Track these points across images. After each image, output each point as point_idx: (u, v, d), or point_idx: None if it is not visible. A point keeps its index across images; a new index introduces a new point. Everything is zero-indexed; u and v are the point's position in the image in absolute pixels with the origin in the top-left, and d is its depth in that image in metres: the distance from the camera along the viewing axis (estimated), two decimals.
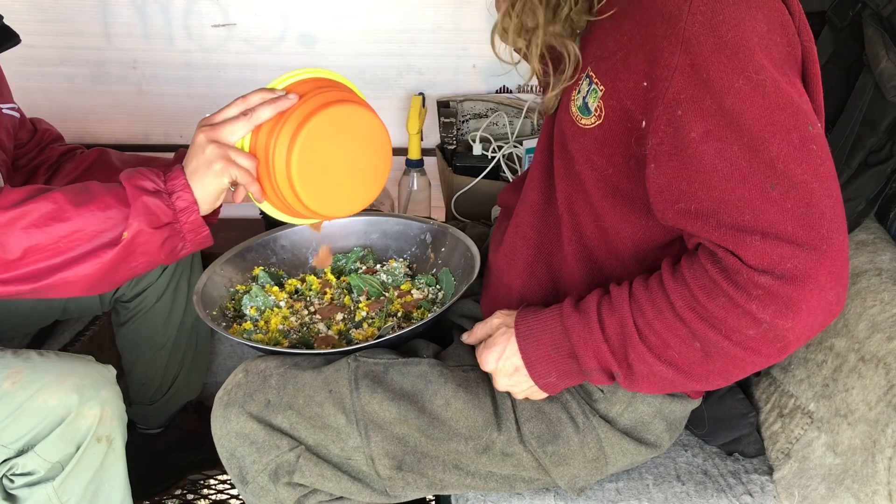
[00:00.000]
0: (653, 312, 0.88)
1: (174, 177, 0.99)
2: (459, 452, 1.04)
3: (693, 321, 0.85)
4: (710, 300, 0.83)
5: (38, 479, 1.07)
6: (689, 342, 0.86)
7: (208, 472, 1.73)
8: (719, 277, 0.82)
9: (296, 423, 1.03)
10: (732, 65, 0.79)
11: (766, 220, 0.79)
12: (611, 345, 0.91)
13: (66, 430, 1.06)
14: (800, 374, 1.16)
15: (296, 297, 1.26)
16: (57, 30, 1.86)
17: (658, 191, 0.86)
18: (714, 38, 0.79)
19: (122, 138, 2.00)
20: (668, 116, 0.82)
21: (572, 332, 0.93)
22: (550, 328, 0.96)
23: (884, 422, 0.95)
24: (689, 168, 0.82)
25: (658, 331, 0.87)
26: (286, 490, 1.04)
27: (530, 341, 0.97)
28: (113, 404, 1.11)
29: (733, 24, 0.79)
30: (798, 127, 0.80)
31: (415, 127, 1.79)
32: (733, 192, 0.80)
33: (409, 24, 1.89)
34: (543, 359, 0.96)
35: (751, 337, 0.82)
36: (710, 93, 0.80)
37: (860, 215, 1.17)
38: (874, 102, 1.15)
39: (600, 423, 1.04)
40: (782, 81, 0.80)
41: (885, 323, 1.01)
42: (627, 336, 0.90)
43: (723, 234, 0.81)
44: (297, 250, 1.35)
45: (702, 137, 0.81)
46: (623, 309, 0.90)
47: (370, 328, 1.16)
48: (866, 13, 1.17)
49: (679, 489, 1.14)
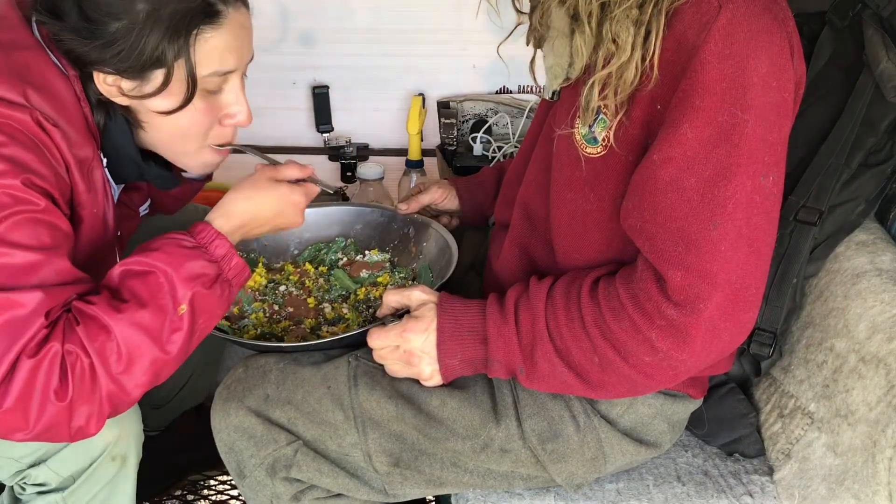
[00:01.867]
0: (564, 319, 0.92)
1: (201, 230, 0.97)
2: (457, 451, 1.04)
3: (597, 337, 0.90)
4: (615, 322, 0.89)
5: (48, 490, 1.07)
6: (590, 355, 0.91)
7: (208, 472, 1.73)
8: (628, 302, 0.88)
9: (294, 417, 1.03)
10: (725, 98, 0.81)
11: (695, 256, 0.83)
12: (521, 338, 0.95)
13: (80, 447, 1.04)
14: (800, 374, 1.16)
15: (271, 288, 1.25)
16: None
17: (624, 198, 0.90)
18: (720, 70, 0.81)
19: None
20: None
21: (489, 319, 0.96)
22: (472, 312, 0.98)
23: (884, 422, 0.95)
24: (645, 186, 0.86)
25: (565, 336, 0.92)
26: (283, 485, 1.04)
27: (450, 320, 0.98)
28: (130, 424, 1.09)
29: (740, 59, 0.81)
30: (754, 175, 0.83)
31: (415, 127, 1.79)
32: (675, 222, 0.84)
33: (409, 24, 1.89)
34: (456, 339, 0.98)
35: (646, 363, 0.88)
36: (690, 121, 0.82)
37: (860, 216, 1.17)
38: (874, 103, 1.14)
39: (601, 423, 1.04)
40: (758, 127, 0.82)
41: (886, 323, 1.01)
42: (538, 333, 0.94)
43: (656, 257, 0.85)
44: (279, 237, 1.34)
45: (662, 162, 0.84)
46: (538, 308, 0.95)
47: (342, 325, 1.16)
48: (866, 13, 1.17)
49: (679, 490, 1.14)
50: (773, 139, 0.85)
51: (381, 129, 2.01)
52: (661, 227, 0.85)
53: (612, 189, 0.93)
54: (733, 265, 0.84)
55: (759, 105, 0.82)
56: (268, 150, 2.01)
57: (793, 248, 1.15)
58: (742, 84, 0.81)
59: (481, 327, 0.97)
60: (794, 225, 1.15)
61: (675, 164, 0.83)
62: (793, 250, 1.15)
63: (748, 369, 1.22)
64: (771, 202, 0.86)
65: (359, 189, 1.79)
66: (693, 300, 0.84)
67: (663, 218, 0.84)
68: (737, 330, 0.87)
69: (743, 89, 0.81)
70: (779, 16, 0.84)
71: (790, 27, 0.86)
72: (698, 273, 0.83)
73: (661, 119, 0.86)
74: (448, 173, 1.76)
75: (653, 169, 0.85)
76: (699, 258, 0.83)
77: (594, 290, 0.92)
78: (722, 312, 0.85)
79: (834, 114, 1.17)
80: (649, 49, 0.84)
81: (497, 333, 0.96)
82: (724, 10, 0.81)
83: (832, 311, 1.11)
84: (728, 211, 0.82)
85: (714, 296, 0.84)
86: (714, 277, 0.83)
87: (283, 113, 1.99)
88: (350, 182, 1.97)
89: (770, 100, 0.83)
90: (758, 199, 0.84)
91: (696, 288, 0.83)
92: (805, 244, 1.15)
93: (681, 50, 0.83)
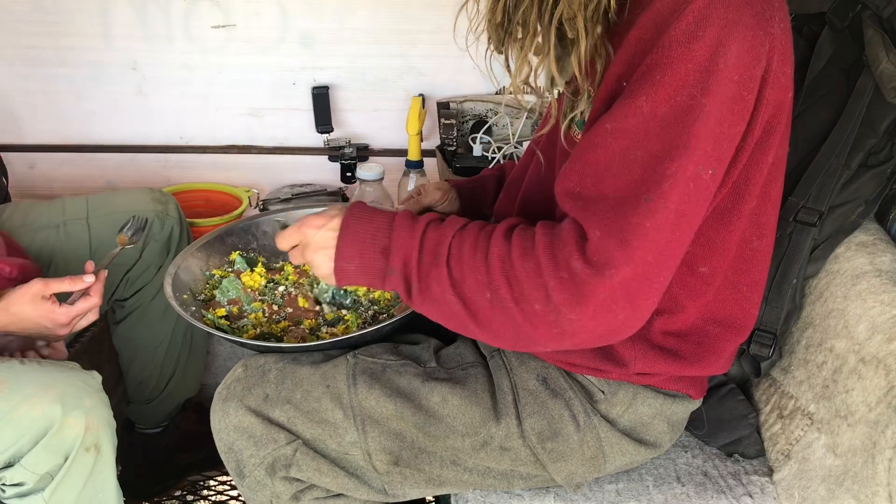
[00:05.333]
0: (469, 247, 0.91)
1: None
2: (457, 449, 1.04)
3: (496, 270, 0.88)
4: (520, 260, 0.87)
5: (29, 490, 1.07)
6: (483, 289, 0.89)
7: (208, 472, 1.73)
8: (541, 245, 0.86)
9: (293, 417, 1.03)
10: (686, 79, 0.80)
11: (621, 222, 0.82)
12: (422, 254, 0.93)
13: (51, 441, 1.05)
14: (800, 375, 1.16)
15: (269, 288, 1.25)
16: (57, 30, 1.86)
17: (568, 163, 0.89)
18: (686, 48, 0.80)
19: (122, 139, 2.00)
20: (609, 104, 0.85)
21: (395, 230, 0.94)
22: (379, 221, 0.96)
23: (884, 423, 0.95)
24: (592, 152, 0.85)
25: (464, 263, 0.90)
26: (283, 484, 1.04)
27: (356, 222, 0.96)
28: (99, 412, 1.10)
29: (709, 42, 0.80)
30: (696, 162, 0.82)
31: (414, 128, 1.79)
32: (615, 191, 0.83)
33: (409, 24, 1.89)
34: (356, 243, 0.95)
35: (535, 311, 0.86)
36: (647, 94, 0.81)
37: (860, 216, 1.17)
38: (874, 103, 1.15)
39: (601, 423, 1.04)
40: (713, 115, 0.81)
41: (886, 324, 1.01)
42: (438, 255, 0.92)
43: (585, 216, 0.85)
44: None
45: (615, 132, 0.83)
46: (448, 231, 0.93)
47: (341, 326, 1.16)
48: (866, 14, 1.17)
49: (679, 490, 1.14)
50: (724, 133, 0.83)
51: (380, 130, 2.01)
52: (600, 194, 0.84)
53: None
54: (653, 245, 0.82)
55: (719, 94, 0.81)
56: (268, 151, 2.02)
57: (793, 248, 1.15)
58: (707, 68, 0.80)
59: (386, 236, 0.95)
60: (794, 225, 1.15)
61: (627, 135, 0.82)
62: (793, 251, 1.15)
63: (748, 370, 1.22)
64: (703, 196, 0.85)
65: (358, 190, 1.79)
66: (604, 263, 0.82)
67: (604, 186, 0.84)
68: (633, 313, 0.85)
69: (707, 73, 0.80)
70: (764, 13, 0.83)
71: (776, 27, 0.84)
72: (619, 239, 0.82)
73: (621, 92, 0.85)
74: (448, 174, 1.76)
75: (604, 136, 0.84)
76: (624, 225, 0.82)
77: (509, 232, 0.91)
78: (625, 288, 0.83)
79: (834, 114, 1.17)
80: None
81: (400, 245, 0.94)
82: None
83: (832, 311, 1.11)
84: (663, 189, 0.81)
85: (624, 267, 0.82)
86: (632, 249, 0.82)
87: (283, 113, 1.99)
88: (350, 182, 1.98)
89: (731, 93, 0.82)
90: (692, 186, 0.83)
91: (611, 252, 0.82)
92: (805, 245, 1.15)
93: (655, 27, 0.82)
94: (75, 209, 1.46)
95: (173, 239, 1.50)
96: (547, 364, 1.06)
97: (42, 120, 1.96)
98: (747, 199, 0.93)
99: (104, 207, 1.46)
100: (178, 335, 1.57)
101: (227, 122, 1.99)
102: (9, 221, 1.41)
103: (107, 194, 1.52)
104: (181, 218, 1.53)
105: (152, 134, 2.00)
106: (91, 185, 2.02)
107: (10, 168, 1.75)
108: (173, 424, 1.67)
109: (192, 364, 1.64)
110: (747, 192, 0.92)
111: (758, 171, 0.91)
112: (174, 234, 1.50)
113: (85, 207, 1.46)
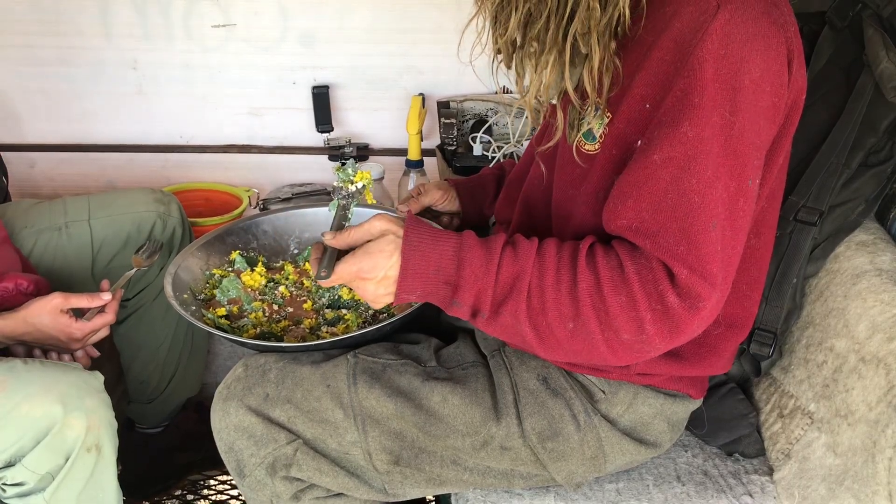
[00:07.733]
0: (551, 281, 0.89)
1: None
2: (457, 448, 1.04)
3: (585, 306, 0.87)
4: (613, 294, 0.86)
5: (29, 490, 1.07)
6: (566, 321, 0.88)
7: (208, 472, 1.73)
8: (634, 278, 0.86)
9: (294, 416, 1.03)
10: (719, 99, 0.82)
11: (697, 256, 0.84)
12: (496, 291, 0.91)
13: (52, 441, 1.05)
14: (800, 374, 1.16)
15: (270, 287, 1.25)
16: (57, 30, 1.86)
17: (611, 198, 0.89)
18: (715, 70, 0.81)
19: (122, 138, 2.00)
20: (650, 134, 0.86)
21: (466, 265, 0.91)
22: (441, 250, 0.92)
23: (884, 422, 0.95)
24: (644, 186, 0.86)
25: (546, 298, 0.89)
26: (283, 484, 1.04)
27: (417, 254, 0.91)
28: (100, 413, 1.10)
29: (735, 61, 0.82)
30: (741, 177, 0.84)
31: (414, 127, 1.79)
32: (676, 222, 0.84)
33: (409, 24, 1.89)
34: (419, 275, 0.92)
35: (622, 340, 0.87)
36: (689, 119, 0.82)
37: (860, 216, 1.17)
38: (874, 103, 1.15)
39: (601, 422, 1.04)
40: (749, 129, 0.83)
41: (886, 323, 1.01)
42: (517, 290, 0.90)
43: (663, 253, 0.85)
44: (279, 236, 1.34)
45: (663, 162, 0.84)
46: (526, 265, 0.90)
47: (341, 325, 1.16)
48: (866, 14, 1.17)
49: (679, 490, 1.14)
50: (764, 142, 0.86)
51: (380, 129, 2.01)
52: (663, 227, 0.85)
53: (596, 183, 0.94)
54: (728, 266, 0.86)
55: (748, 109, 0.83)
56: (268, 150, 2.02)
57: (793, 248, 1.15)
58: (733, 86, 0.82)
59: (451, 270, 0.91)
60: (794, 225, 1.15)
61: (676, 163, 0.83)
62: (793, 250, 1.15)
63: (748, 369, 1.22)
64: (752, 205, 0.88)
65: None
66: (695, 298, 0.84)
67: (665, 218, 0.85)
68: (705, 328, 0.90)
69: (733, 91, 0.82)
70: (778, 20, 0.85)
71: (791, 32, 0.86)
72: (701, 273, 0.84)
73: (651, 117, 0.86)
74: (448, 173, 1.76)
75: (653, 169, 0.85)
76: (700, 258, 0.84)
77: (590, 258, 0.90)
78: (712, 312, 0.86)
79: (834, 114, 1.17)
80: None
81: (472, 281, 0.90)
82: (722, 10, 0.81)
83: (832, 311, 1.12)
84: (724, 213, 0.84)
85: (713, 296, 0.85)
86: (714, 278, 0.84)
87: (283, 112, 1.99)
88: None
89: (761, 104, 0.84)
90: (744, 201, 0.86)
91: (699, 288, 0.84)
92: (805, 244, 1.15)
93: (677, 49, 0.84)
94: (77, 210, 1.45)
95: (175, 240, 1.50)
96: (547, 364, 1.06)
97: (42, 119, 1.97)
98: (758, 201, 0.94)
99: (106, 208, 1.46)
100: (179, 335, 1.57)
101: (227, 122, 1.99)
102: (10, 222, 1.41)
103: (108, 194, 1.52)
104: (183, 219, 1.52)
105: (152, 133, 2.00)
106: (91, 184, 2.03)
107: (10, 167, 1.75)
108: (174, 424, 1.67)
109: (192, 364, 1.64)
110: (760, 193, 0.93)
111: (769, 173, 0.93)
112: (176, 235, 1.50)
113: (87, 208, 1.46)
